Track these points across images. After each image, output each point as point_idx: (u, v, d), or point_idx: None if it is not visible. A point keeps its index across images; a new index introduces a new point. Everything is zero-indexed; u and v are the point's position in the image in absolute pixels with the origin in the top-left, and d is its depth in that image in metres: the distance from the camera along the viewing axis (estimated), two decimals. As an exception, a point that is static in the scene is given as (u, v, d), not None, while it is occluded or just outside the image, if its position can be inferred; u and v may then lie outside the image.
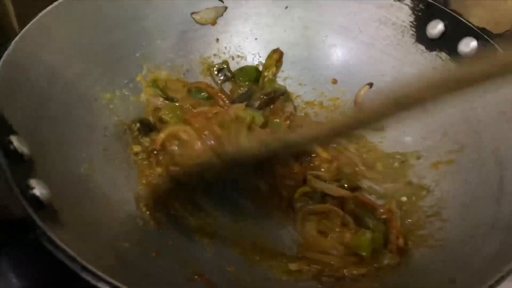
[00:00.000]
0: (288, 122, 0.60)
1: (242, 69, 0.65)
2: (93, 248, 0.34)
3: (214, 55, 0.65)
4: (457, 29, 0.55)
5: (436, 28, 0.57)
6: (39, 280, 0.49)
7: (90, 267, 0.29)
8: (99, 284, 0.28)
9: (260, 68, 0.66)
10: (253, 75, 0.65)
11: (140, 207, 0.47)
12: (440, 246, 0.43)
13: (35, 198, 0.32)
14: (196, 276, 0.41)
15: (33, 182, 0.33)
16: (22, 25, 0.46)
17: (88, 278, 0.29)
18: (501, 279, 0.32)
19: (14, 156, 0.35)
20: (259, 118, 0.56)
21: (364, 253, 0.45)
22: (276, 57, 0.65)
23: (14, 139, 0.36)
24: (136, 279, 0.31)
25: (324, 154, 0.54)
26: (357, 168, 0.54)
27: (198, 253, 0.46)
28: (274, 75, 0.65)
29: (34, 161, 0.37)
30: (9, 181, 0.32)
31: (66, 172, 0.43)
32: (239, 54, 0.66)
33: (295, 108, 0.63)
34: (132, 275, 0.31)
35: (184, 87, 0.60)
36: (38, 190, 0.33)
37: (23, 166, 0.36)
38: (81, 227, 0.37)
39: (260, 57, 0.66)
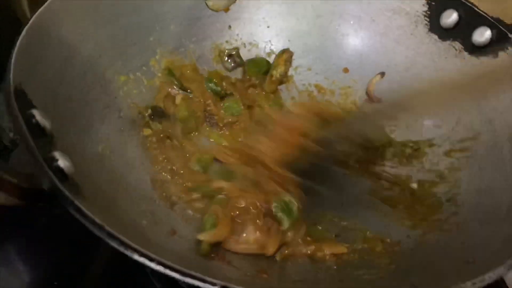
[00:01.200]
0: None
1: (253, 61, 0.65)
2: (115, 221, 0.34)
3: (226, 41, 0.65)
4: (472, 19, 0.55)
5: (451, 17, 0.57)
6: (46, 268, 0.49)
7: (117, 234, 0.29)
8: (127, 252, 0.29)
9: (271, 58, 0.66)
10: (263, 68, 0.65)
11: (156, 188, 0.47)
12: (456, 229, 0.44)
13: (59, 169, 0.32)
14: (212, 255, 0.41)
15: (56, 154, 0.33)
16: (33, 11, 0.46)
17: (115, 245, 0.29)
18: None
19: (37, 130, 0.35)
20: None
21: None
22: (285, 57, 0.65)
23: (36, 113, 0.36)
24: (157, 253, 0.31)
25: None
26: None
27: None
28: (283, 74, 0.65)
29: (54, 136, 0.37)
30: (34, 153, 0.32)
31: (84, 150, 0.43)
32: (251, 41, 0.66)
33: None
34: (153, 250, 0.31)
35: (200, 77, 0.60)
36: (62, 162, 0.33)
37: (45, 139, 0.36)
38: (102, 202, 0.37)
39: (272, 45, 0.66)
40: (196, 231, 0.44)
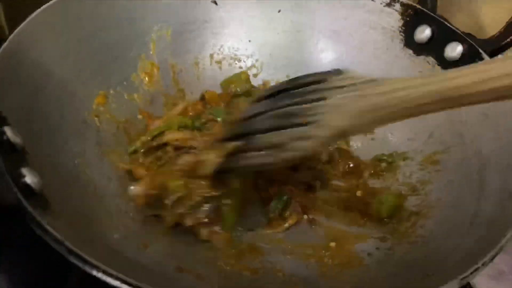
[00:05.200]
0: None
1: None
2: (83, 236, 0.35)
3: (210, 55, 0.66)
4: (444, 34, 0.57)
5: (424, 33, 0.58)
6: (39, 276, 0.49)
7: (76, 250, 0.30)
8: (86, 267, 0.29)
9: (252, 72, 0.67)
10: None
11: (131, 201, 0.48)
12: (421, 242, 0.44)
13: (26, 185, 0.33)
14: (180, 268, 0.42)
15: (24, 170, 0.34)
16: (12, 28, 0.47)
17: (75, 261, 0.29)
18: (475, 271, 0.34)
19: (7, 146, 0.36)
20: None
21: None
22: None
23: (7, 130, 0.37)
24: (124, 267, 0.32)
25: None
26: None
27: (182, 248, 0.47)
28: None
29: (26, 152, 0.38)
30: (1, 169, 0.33)
31: (59, 164, 0.44)
32: (233, 55, 0.68)
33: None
34: (121, 264, 0.32)
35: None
36: (30, 178, 0.34)
37: (15, 155, 0.37)
38: (72, 217, 0.38)
39: (253, 59, 0.68)
40: (170, 244, 0.46)
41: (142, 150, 0.54)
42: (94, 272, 0.30)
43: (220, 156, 0.48)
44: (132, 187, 0.48)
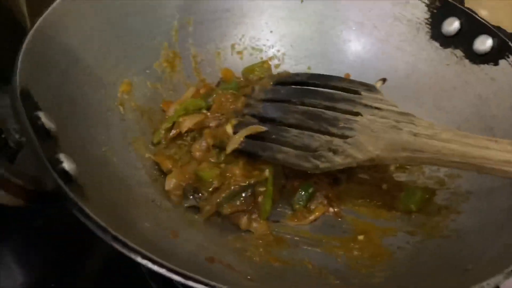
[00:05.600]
0: None
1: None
2: (118, 224, 0.35)
3: (231, 45, 0.66)
4: (473, 27, 0.56)
5: (452, 25, 0.57)
6: (42, 269, 0.49)
7: (121, 237, 0.29)
8: (131, 254, 0.29)
9: (274, 63, 0.67)
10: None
11: (158, 191, 0.48)
12: (455, 236, 0.44)
13: (64, 171, 0.33)
14: (212, 258, 0.42)
15: (61, 156, 0.34)
16: (33, 19, 0.46)
17: (119, 248, 0.29)
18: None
19: (42, 131, 0.36)
20: None
21: None
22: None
23: (41, 115, 0.36)
24: (159, 255, 0.31)
25: None
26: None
27: (211, 238, 0.46)
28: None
29: (59, 138, 0.38)
30: (40, 154, 0.32)
31: (88, 152, 0.43)
32: (254, 46, 0.67)
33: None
34: (155, 252, 0.32)
35: None
36: (67, 164, 0.33)
37: (51, 141, 0.36)
38: (104, 205, 0.38)
39: (275, 49, 0.67)
40: (199, 235, 0.45)
41: (164, 143, 0.54)
42: (139, 259, 0.29)
43: (243, 136, 0.48)
44: (166, 183, 0.48)
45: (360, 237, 0.48)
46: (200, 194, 0.47)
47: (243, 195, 0.46)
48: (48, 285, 0.48)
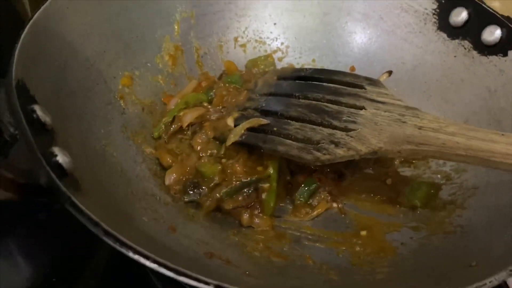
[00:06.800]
0: None
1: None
2: (114, 218, 0.34)
3: (234, 38, 0.65)
4: (481, 17, 0.54)
5: (460, 16, 0.56)
6: (46, 262, 0.49)
7: (113, 231, 0.29)
8: (122, 249, 0.28)
9: (277, 55, 0.65)
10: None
11: (158, 185, 0.47)
12: (460, 232, 0.43)
13: (58, 165, 0.32)
14: (211, 253, 0.41)
15: (56, 150, 0.33)
16: (33, 7, 0.46)
17: (111, 242, 0.28)
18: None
19: (37, 125, 0.35)
20: None
21: None
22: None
23: (37, 108, 0.36)
24: (154, 250, 0.31)
25: None
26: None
27: (210, 233, 0.46)
28: None
29: (55, 131, 0.37)
30: (33, 148, 0.32)
31: (86, 145, 0.43)
32: (257, 38, 0.66)
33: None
34: (152, 247, 0.31)
35: None
36: (61, 157, 0.33)
37: (46, 134, 0.36)
38: (102, 198, 0.37)
39: (278, 42, 0.66)
40: (198, 230, 0.45)
41: (165, 137, 0.53)
42: (130, 254, 0.29)
43: (245, 128, 0.48)
44: (166, 177, 0.47)
45: (363, 233, 0.47)
46: (200, 189, 0.46)
47: (246, 191, 0.46)
48: (50, 278, 0.48)
